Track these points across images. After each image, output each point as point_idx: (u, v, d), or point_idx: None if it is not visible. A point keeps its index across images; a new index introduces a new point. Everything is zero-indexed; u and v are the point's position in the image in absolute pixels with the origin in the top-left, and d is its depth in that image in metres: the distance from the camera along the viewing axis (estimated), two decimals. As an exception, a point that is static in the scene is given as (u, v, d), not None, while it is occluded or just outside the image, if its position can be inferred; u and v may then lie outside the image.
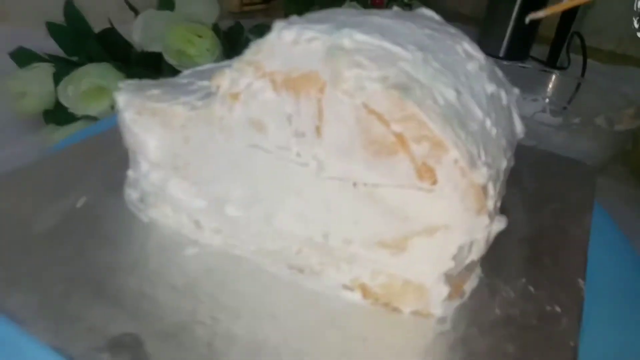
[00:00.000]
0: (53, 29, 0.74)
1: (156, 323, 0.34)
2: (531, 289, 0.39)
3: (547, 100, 0.82)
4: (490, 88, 0.37)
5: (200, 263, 0.40)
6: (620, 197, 0.66)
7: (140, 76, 0.43)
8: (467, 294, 0.39)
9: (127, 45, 0.77)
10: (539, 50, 1.14)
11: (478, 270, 0.40)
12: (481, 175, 0.31)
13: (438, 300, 0.37)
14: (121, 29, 0.78)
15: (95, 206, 0.45)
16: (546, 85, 0.83)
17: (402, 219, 0.34)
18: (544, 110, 0.79)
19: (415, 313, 0.37)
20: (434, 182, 0.32)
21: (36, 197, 0.45)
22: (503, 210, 0.37)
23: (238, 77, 0.35)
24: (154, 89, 0.42)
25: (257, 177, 0.38)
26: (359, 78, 0.31)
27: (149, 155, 0.42)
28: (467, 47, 0.37)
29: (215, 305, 0.36)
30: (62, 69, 0.71)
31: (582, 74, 1.01)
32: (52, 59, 0.74)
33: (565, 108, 0.79)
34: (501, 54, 1.13)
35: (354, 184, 0.35)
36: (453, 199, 0.32)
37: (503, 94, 0.39)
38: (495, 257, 0.38)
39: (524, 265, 0.42)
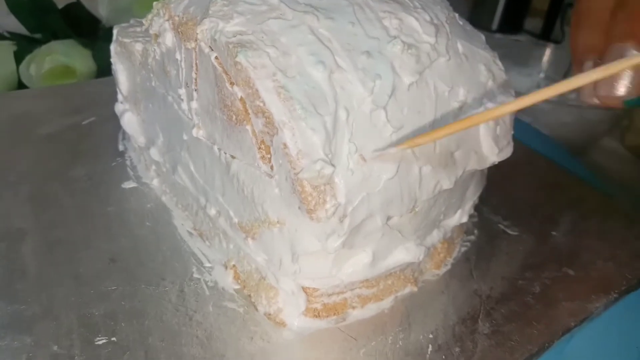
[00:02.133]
0: (13, 5, 0.66)
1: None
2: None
3: (541, 74, 0.80)
4: (441, 86, 0.29)
5: (131, 197, 0.42)
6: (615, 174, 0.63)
7: (107, 53, 0.42)
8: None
9: (93, 20, 0.70)
10: (532, 23, 1.05)
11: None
12: (313, 171, 0.25)
13: (292, 311, 0.32)
14: (87, 3, 0.70)
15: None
16: (540, 59, 0.81)
17: (250, 202, 0.30)
18: (538, 86, 0.76)
19: (269, 317, 0.32)
20: (273, 166, 0.27)
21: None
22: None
23: (157, 18, 0.34)
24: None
25: (169, 126, 0.37)
26: (214, 29, 0.27)
27: (121, 87, 0.44)
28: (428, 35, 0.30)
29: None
30: (24, 47, 0.64)
31: None
32: (13, 36, 0.67)
33: None
34: (494, 27, 1.06)
35: (219, 150, 0.31)
36: (285, 191, 0.27)
37: (470, 100, 0.30)
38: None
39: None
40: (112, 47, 0.43)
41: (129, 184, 0.43)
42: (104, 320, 0.31)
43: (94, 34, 0.69)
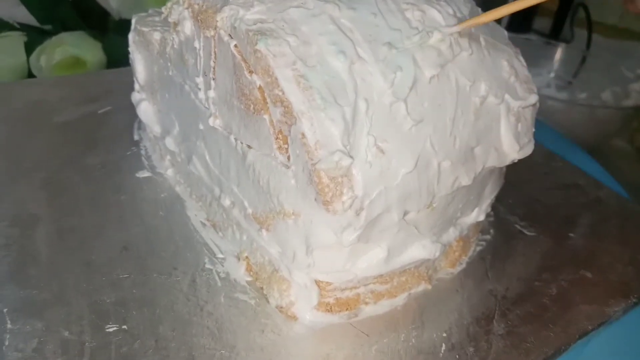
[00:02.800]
0: (25, -4, 0.64)
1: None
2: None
3: (552, 74, 0.79)
4: (463, 81, 0.29)
5: (145, 187, 0.41)
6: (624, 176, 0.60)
7: (118, 46, 0.41)
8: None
9: (103, 13, 0.69)
10: (541, 22, 1.07)
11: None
12: (331, 162, 0.25)
13: (304, 304, 0.31)
14: (97, -5, 0.68)
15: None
16: (551, 58, 0.79)
17: (266, 193, 0.29)
18: (548, 85, 0.76)
19: (280, 310, 0.32)
20: (290, 157, 0.27)
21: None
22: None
23: (176, 6, 0.34)
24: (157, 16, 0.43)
25: (185, 116, 0.37)
26: (234, 17, 0.27)
27: (138, 76, 0.44)
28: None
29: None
30: (35, 38, 0.64)
31: (587, 48, 0.93)
32: (23, 27, 0.66)
33: (570, 83, 0.77)
34: (503, 26, 1.05)
35: (235, 140, 0.31)
36: (301, 182, 0.27)
37: (492, 96, 0.30)
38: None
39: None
40: (130, 36, 0.43)
41: (143, 174, 0.43)
42: (115, 308, 0.31)
43: (104, 26, 0.68)
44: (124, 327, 0.30)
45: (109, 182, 0.41)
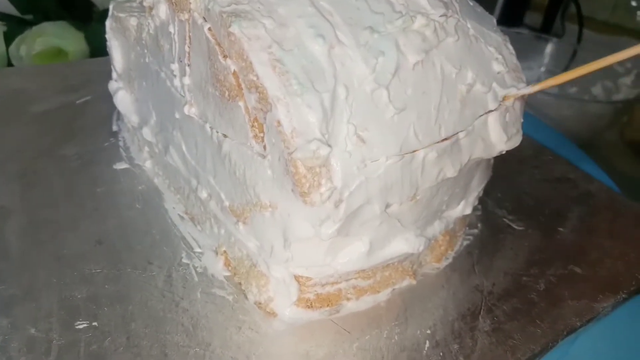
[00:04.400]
0: (5, -16, 0.61)
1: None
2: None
3: (542, 68, 0.79)
4: (448, 68, 0.27)
5: (123, 179, 0.40)
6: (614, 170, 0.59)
7: (100, 36, 0.40)
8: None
9: (86, 2, 0.67)
10: (532, 17, 1.06)
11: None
12: (308, 151, 0.23)
13: (283, 300, 0.30)
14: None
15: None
16: (541, 53, 0.79)
17: (242, 184, 0.28)
18: (539, 79, 0.73)
19: (259, 306, 0.31)
20: (265, 146, 0.26)
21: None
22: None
23: (151, -12, 0.33)
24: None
25: (162, 105, 0.36)
26: (208, -2, 0.26)
27: (115, 64, 0.42)
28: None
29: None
30: (15, 28, 0.62)
31: (578, 42, 0.93)
32: (3, 17, 0.64)
33: None
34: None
35: (211, 129, 0.30)
36: (277, 173, 0.25)
37: (479, 84, 0.28)
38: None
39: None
40: (108, 23, 0.42)
41: (120, 165, 0.42)
42: (86, 304, 0.30)
43: (87, 16, 0.66)
44: (95, 323, 0.29)
45: (85, 174, 0.40)
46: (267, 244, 0.28)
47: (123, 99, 0.41)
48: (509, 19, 1.04)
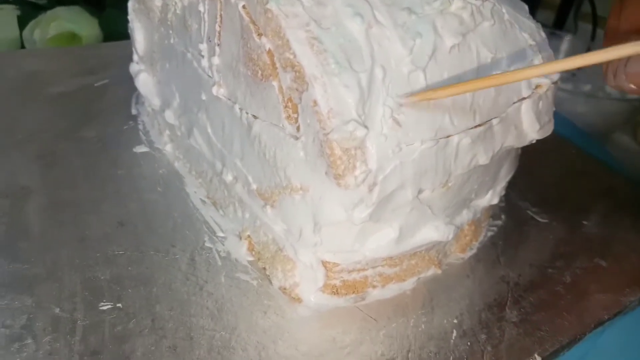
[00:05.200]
0: (18, -32, 0.61)
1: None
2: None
3: None
4: (484, 52, 0.27)
5: (143, 162, 0.40)
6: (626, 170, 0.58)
7: (115, 21, 0.39)
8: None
9: None
10: (544, 15, 1.04)
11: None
12: (344, 131, 0.23)
13: (309, 286, 0.30)
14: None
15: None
16: (556, 49, 0.72)
17: (272, 167, 0.28)
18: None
19: (284, 291, 0.31)
20: (299, 127, 0.25)
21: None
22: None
23: (179, -33, 0.32)
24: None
25: (186, 86, 0.35)
26: (243, -26, 0.25)
27: (137, 46, 0.42)
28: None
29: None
30: (28, 12, 0.61)
31: (592, 39, 0.91)
32: (16, 1, 0.64)
33: (574, 75, 0.75)
34: None
35: (240, 110, 0.29)
36: (311, 154, 0.25)
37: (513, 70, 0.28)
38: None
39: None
40: (130, 4, 0.41)
41: (140, 148, 0.41)
42: (110, 285, 0.29)
43: (102, 3, 0.65)
44: (119, 305, 0.28)
45: (105, 156, 0.40)
46: (295, 228, 0.28)
47: (145, 81, 0.41)
48: (522, 16, 1.04)
